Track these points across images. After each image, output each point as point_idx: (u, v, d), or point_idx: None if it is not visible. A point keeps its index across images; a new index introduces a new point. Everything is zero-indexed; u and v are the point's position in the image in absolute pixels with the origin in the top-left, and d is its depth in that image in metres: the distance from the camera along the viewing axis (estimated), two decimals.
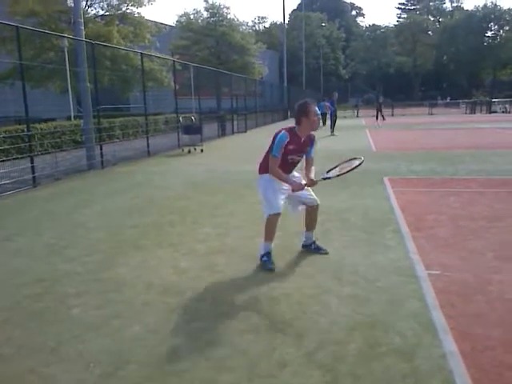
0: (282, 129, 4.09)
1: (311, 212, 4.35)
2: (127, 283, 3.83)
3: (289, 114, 38.16)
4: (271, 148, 4.04)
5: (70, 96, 16.66)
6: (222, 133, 20.26)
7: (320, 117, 4.24)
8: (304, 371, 2.53)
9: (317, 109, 4.07)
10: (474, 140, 15.77)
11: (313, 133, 4.20)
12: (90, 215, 6.31)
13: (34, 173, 8.66)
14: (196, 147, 14.36)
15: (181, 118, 15.26)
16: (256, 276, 3.89)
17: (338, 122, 20.65)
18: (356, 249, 4.53)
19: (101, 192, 8.20)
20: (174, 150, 14.69)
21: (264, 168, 4.16)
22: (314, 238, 4.49)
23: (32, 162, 8.72)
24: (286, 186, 4.11)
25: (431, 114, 36.51)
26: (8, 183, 8.15)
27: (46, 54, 18.07)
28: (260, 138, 19.19)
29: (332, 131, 19.38)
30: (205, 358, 2.68)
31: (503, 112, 36.24)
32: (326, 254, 4.38)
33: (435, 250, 4.40)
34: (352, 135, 18.91)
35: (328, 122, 21.78)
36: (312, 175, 4.15)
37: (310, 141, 4.17)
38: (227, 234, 5.20)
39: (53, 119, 16.29)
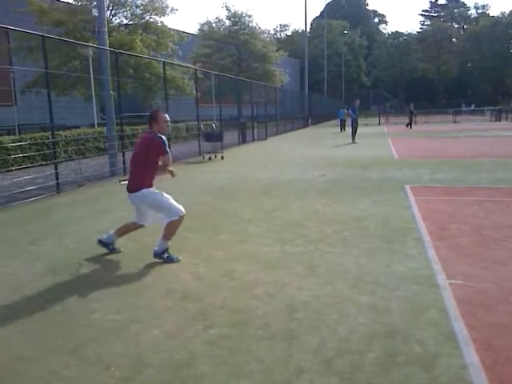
0: (150, 133, 4.55)
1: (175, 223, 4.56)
2: (146, 288, 3.88)
3: (309, 121, 38.11)
4: (162, 150, 4.46)
5: (94, 103, 16.99)
6: (243, 140, 20.36)
7: (169, 124, 4.77)
8: (321, 379, 2.51)
9: (166, 116, 4.63)
10: (499, 148, 15.47)
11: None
12: (112, 221, 6.38)
13: (57, 179, 8.84)
14: (217, 154, 14.47)
15: (202, 126, 15.42)
16: (274, 283, 3.89)
17: (359, 129, 20.51)
18: (375, 257, 4.48)
19: (122, 198, 8.26)
20: (194, 157, 14.81)
21: (143, 182, 4.56)
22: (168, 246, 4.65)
23: (56, 168, 8.90)
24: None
25: (455, 122, 35.94)
26: (33, 189, 8.34)
27: (71, 62, 18.46)
28: (280, 146, 19.22)
29: (353, 139, 19.25)
30: (222, 364, 2.68)
31: None
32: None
33: (457, 259, 4.33)
34: (374, 143, 18.75)
35: (348, 130, 21.67)
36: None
37: None
38: (245, 240, 5.20)
39: (77, 126, 16.66)
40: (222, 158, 14.23)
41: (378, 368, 2.59)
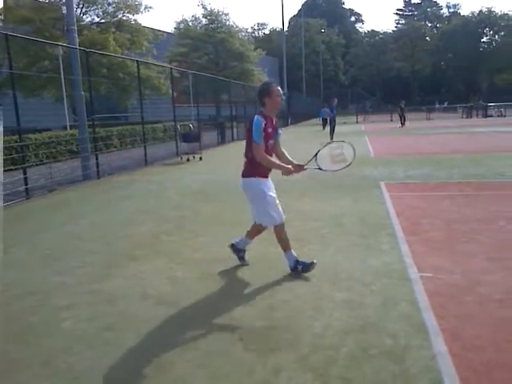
0: (254, 115, 3.90)
1: (277, 232, 4.02)
2: (121, 294, 3.79)
3: (289, 120, 38.18)
4: (251, 136, 3.80)
5: (66, 105, 16.52)
6: (222, 140, 20.28)
7: (283, 97, 4.05)
8: (298, 376, 2.53)
9: (279, 88, 3.95)
10: (470, 144, 15.83)
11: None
12: (85, 226, 6.28)
13: (26, 184, 8.52)
14: (195, 155, 14.32)
15: (179, 126, 15.27)
16: (252, 284, 3.89)
17: (337, 128, 20.67)
18: (351, 253, 4.54)
19: (96, 202, 8.18)
20: (172, 158, 14.68)
21: (249, 170, 3.96)
22: (295, 255, 4.05)
23: (25, 173, 8.58)
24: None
25: (429, 119, 36.59)
26: (3, 195, 8.09)
27: (40, 62, 17.93)
28: None
29: (331, 137, 19.39)
30: (201, 367, 2.67)
31: (499, 116, 36.19)
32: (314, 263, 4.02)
33: (428, 253, 4.42)
34: (351, 141, 18.80)
35: (327, 128, 21.81)
36: (291, 159, 4.07)
37: (276, 122, 4.06)
38: (224, 243, 5.14)
39: (48, 129, 16.22)
40: (201, 158, 14.12)
41: (351, 362, 2.63)
